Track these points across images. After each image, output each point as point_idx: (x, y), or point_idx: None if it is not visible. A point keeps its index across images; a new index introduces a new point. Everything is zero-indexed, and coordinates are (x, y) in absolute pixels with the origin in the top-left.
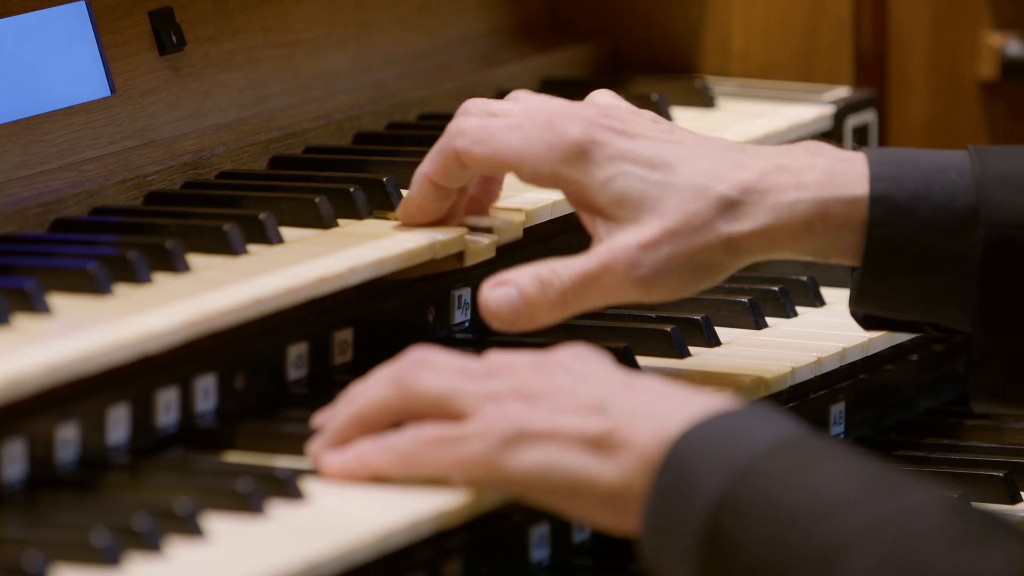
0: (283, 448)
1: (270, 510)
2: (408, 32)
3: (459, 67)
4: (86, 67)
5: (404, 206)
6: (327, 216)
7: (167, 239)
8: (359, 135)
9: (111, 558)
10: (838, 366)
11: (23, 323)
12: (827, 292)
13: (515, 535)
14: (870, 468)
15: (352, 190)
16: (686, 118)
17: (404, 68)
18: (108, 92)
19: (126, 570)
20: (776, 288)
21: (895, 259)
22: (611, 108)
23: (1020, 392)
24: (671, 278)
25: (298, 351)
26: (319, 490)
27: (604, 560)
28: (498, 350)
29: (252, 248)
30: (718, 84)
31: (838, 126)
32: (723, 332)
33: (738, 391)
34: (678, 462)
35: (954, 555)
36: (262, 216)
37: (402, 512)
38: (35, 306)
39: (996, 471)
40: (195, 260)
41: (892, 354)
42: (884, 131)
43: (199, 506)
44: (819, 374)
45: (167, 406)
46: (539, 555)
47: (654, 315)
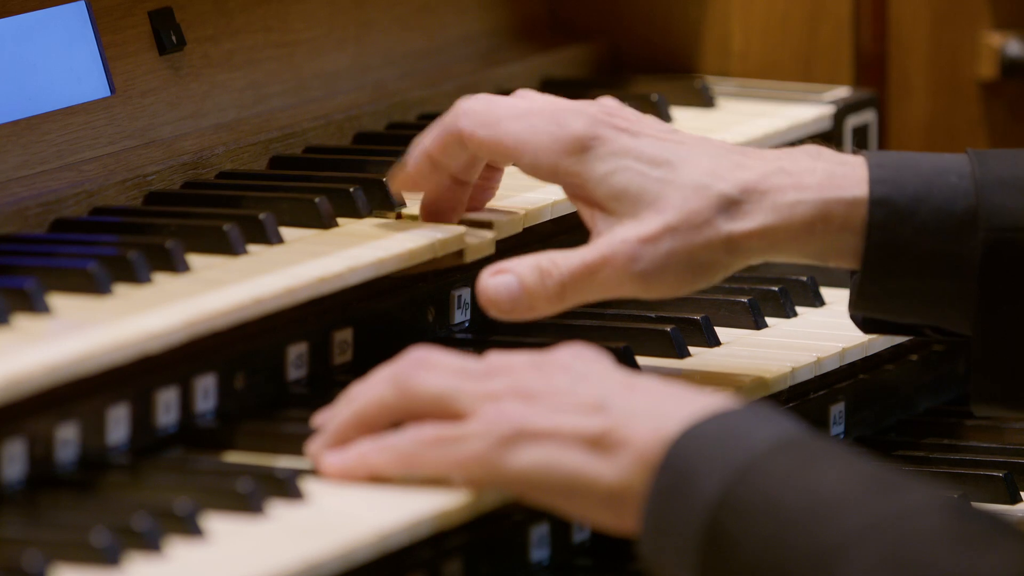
0: (283, 448)
1: (270, 510)
2: (408, 32)
3: (459, 67)
4: (86, 67)
5: (396, 174)
6: (327, 216)
7: (167, 239)
8: (359, 135)
9: (111, 558)
10: (838, 366)
11: (23, 323)
12: (827, 292)
13: (515, 535)
14: (870, 468)
15: (352, 190)
16: (686, 118)
17: (404, 68)
18: (108, 92)
19: (126, 570)
20: (776, 288)
21: (895, 262)
22: (616, 107)
23: (1021, 395)
24: (669, 275)
25: (298, 351)
26: (319, 490)
27: (604, 560)
28: (498, 351)
29: (252, 248)
30: (718, 84)
31: (838, 126)
32: (723, 332)
33: (738, 391)
34: (678, 462)
35: (954, 555)
36: (262, 216)
37: (402, 512)
38: (35, 306)
39: (996, 471)
40: (195, 260)
41: (892, 354)
42: (884, 131)
43: (199, 506)
44: (819, 374)
45: (167, 406)
46: (539, 555)
47: (654, 315)
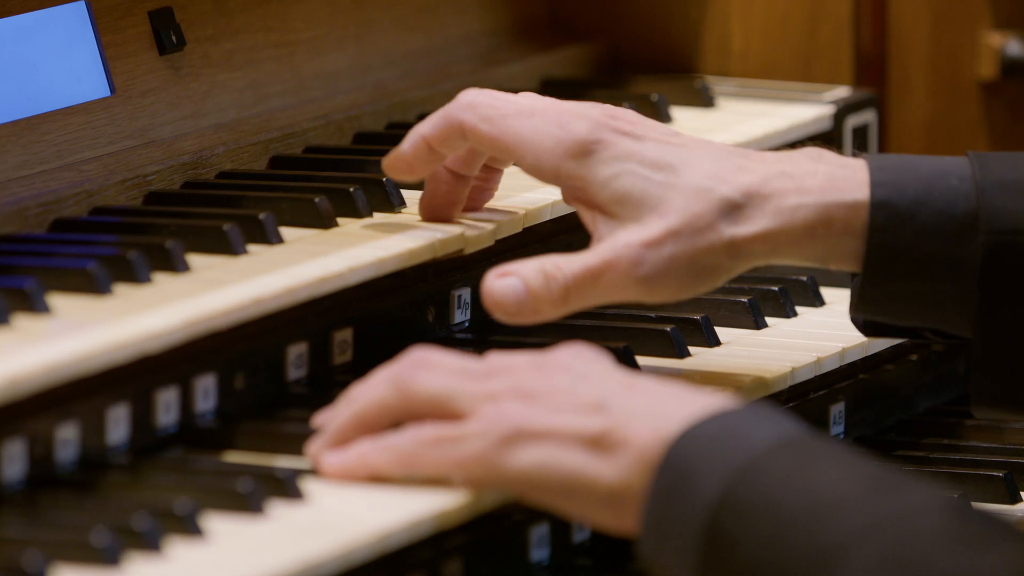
0: (283, 448)
1: (270, 510)
2: (408, 32)
3: (459, 67)
4: (86, 67)
5: (392, 159)
6: (327, 216)
7: (167, 239)
8: (359, 135)
9: (111, 558)
10: (838, 366)
11: (23, 323)
12: (827, 292)
13: (515, 535)
14: (870, 468)
15: (352, 190)
16: (686, 118)
17: (404, 68)
18: (108, 92)
19: (126, 570)
20: (776, 288)
21: (896, 265)
22: (618, 111)
23: (1021, 397)
24: (672, 278)
25: (298, 351)
26: (319, 490)
27: (604, 560)
28: (498, 351)
29: (252, 248)
30: (718, 84)
31: (838, 126)
32: (723, 332)
33: (738, 391)
34: (677, 462)
35: (953, 555)
36: (262, 216)
37: (402, 512)
38: (35, 306)
39: (996, 471)
40: (195, 260)
41: (892, 354)
42: (884, 131)
43: (199, 506)
44: (819, 374)
45: (167, 406)
46: (539, 555)
47: (654, 315)
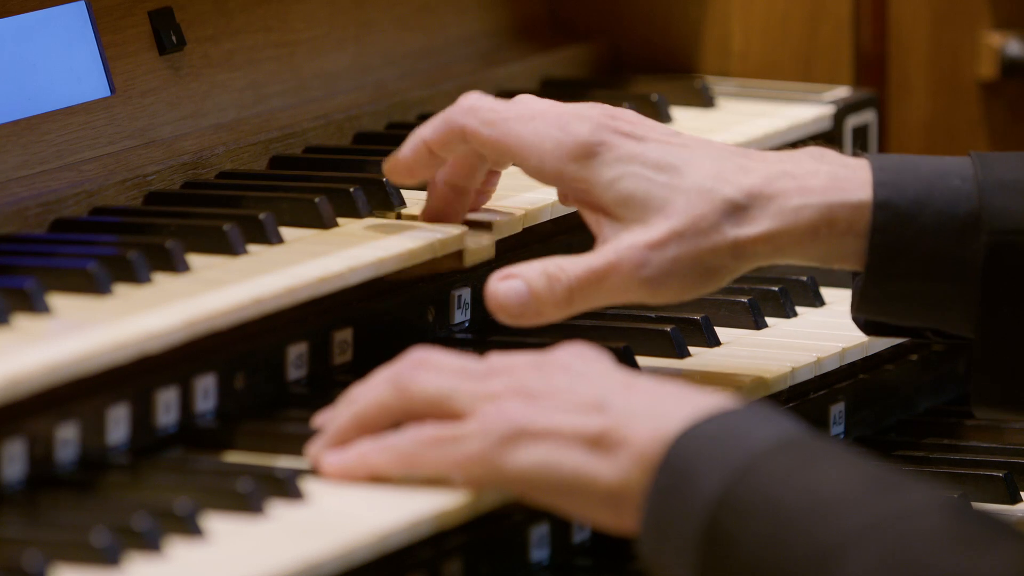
0: (283, 448)
1: (270, 510)
2: (408, 32)
3: (459, 67)
4: (86, 67)
5: (393, 162)
6: (327, 216)
7: (167, 239)
8: (359, 135)
9: (111, 558)
10: (838, 366)
11: (23, 323)
12: (827, 292)
13: (515, 535)
14: (870, 468)
15: (352, 190)
16: (686, 118)
17: (404, 68)
18: (108, 92)
19: (126, 570)
20: (776, 288)
21: (897, 265)
22: (618, 111)
23: (1022, 397)
24: (676, 280)
25: (298, 351)
26: (319, 490)
27: (604, 560)
28: (498, 351)
29: (252, 248)
30: (718, 84)
31: (838, 126)
32: (723, 332)
33: (738, 391)
34: (677, 461)
35: (953, 555)
36: (262, 216)
37: (402, 512)
38: (35, 306)
39: (996, 471)
40: (195, 260)
41: (892, 354)
42: (884, 131)
43: (199, 506)
44: (819, 374)
45: (167, 406)
46: (539, 555)
47: (654, 315)
